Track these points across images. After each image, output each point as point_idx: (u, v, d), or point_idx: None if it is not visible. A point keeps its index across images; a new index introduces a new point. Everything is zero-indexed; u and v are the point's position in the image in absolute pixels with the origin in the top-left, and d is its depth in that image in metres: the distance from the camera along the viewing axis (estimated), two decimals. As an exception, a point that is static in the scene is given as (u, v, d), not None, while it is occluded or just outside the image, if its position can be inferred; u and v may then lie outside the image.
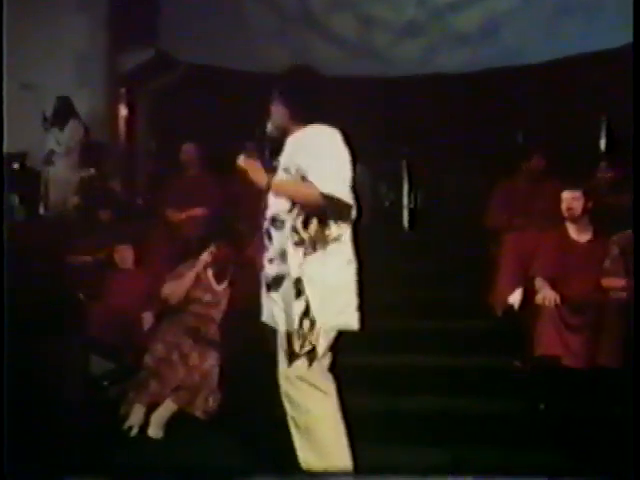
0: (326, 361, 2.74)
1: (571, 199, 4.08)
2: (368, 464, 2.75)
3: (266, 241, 2.77)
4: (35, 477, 2.80)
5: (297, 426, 2.69)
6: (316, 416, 2.66)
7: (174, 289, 4.04)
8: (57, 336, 3.84)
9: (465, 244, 5.07)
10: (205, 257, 4.06)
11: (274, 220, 2.73)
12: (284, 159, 2.77)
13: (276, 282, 2.71)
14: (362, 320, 2.72)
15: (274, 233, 2.73)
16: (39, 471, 2.85)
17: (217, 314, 4.05)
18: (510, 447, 3.35)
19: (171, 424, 3.63)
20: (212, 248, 4.08)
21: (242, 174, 2.80)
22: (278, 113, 2.81)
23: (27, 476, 2.81)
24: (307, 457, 2.68)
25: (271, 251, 2.74)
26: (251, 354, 3.65)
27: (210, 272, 4.12)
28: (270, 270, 2.74)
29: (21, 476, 2.78)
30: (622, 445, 3.05)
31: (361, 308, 2.72)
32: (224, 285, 4.10)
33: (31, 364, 3.61)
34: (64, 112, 6.04)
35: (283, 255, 2.68)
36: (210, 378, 3.78)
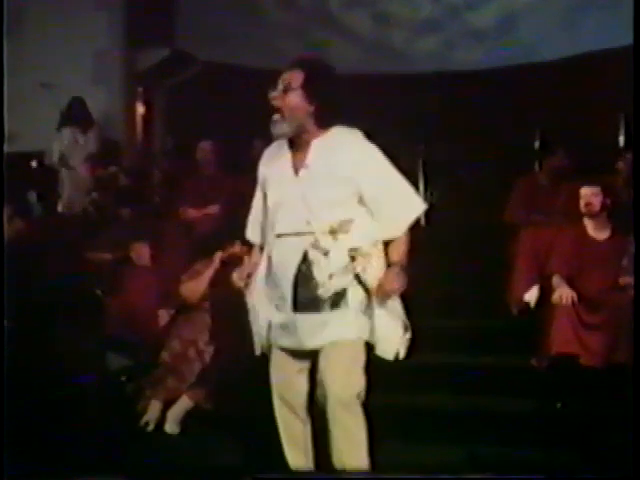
0: None
1: (590, 195, 4.05)
2: (383, 462, 2.75)
3: (319, 258, 2.48)
4: (46, 474, 2.81)
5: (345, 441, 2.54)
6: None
7: (193, 289, 4.06)
8: (75, 332, 3.88)
9: (481, 241, 5.05)
10: (220, 255, 4.07)
11: (332, 232, 2.47)
12: (319, 164, 2.51)
13: (338, 297, 2.49)
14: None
15: (332, 246, 2.47)
16: (51, 469, 2.87)
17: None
18: (526, 446, 3.33)
19: (187, 420, 3.65)
20: (229, 245, 4.10)
21: None
22: (297, 108, 2.50)
23: (38, 473, 2.82)
24: (346, 460, 2.58)
25: (329, 266, 2.47)
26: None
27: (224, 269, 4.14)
28: (328, 287, 2.48)
29: (34, 474, 2.80)
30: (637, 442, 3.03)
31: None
32: (240, 282, 4.11)
33: (48, 360, 3.64)
34: (83, 115, 6.07)
35: (344, 268, 2.47)
36: (227, 375, 3.79)
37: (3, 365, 2.75)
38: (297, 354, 2.62)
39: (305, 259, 2.49)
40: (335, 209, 2.49)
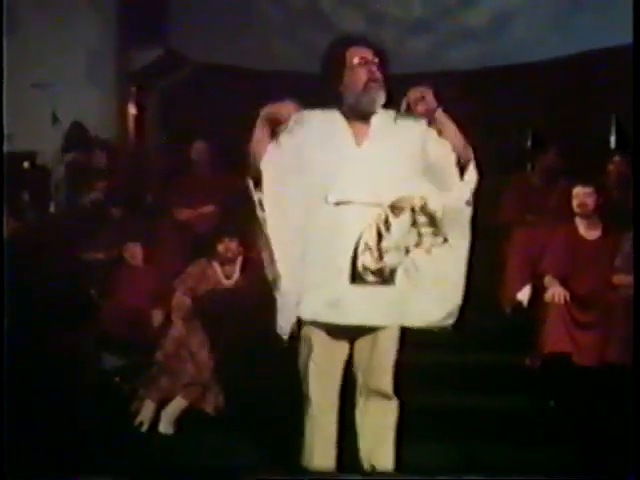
0: None
1: (583, 195, 4.08)
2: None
3: (383, 231, 2.41)
4: (42, 474, 2.81)
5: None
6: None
7: (180, 304, 4.06)
8: (68, 332, 3.87)
9: (474, 240, 5.06)
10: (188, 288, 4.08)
11: (394, 208, 2.42)
12: (382, 138, 2.52)
13: (391, 274, 2.43)
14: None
15: (393, 221, 2.42)
16: (47, 469, 2.87)
17: (227, 311, 4.07)
18: (519, 444, 3.34)
19: (182, 420, 3.66)
20: (219, 246, 4.11)
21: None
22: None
23: (35, 473, 2.82)
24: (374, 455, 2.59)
25: (389, 241, 2.41)
26: (262, 351, 3.66)
27: (219, 269, 4.14)
28: (387, 263, 2.41)
29: (32, 474, 2.80)
30: (630, 441, 3.05)
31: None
32: (233, 281, 4.12)
33: (42, 360, 3.63)
34: (80, 138, 6.04)
35: (398, 245, 2.41)
36: (220, 375, 3.79)
37: (3, 366, 2.75)
38: (338, 335, 2.50)
39: (370, 230, 2.43)
40: (398, 184, 2.47)
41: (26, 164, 6.20)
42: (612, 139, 5.96)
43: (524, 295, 4.27)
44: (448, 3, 7.03)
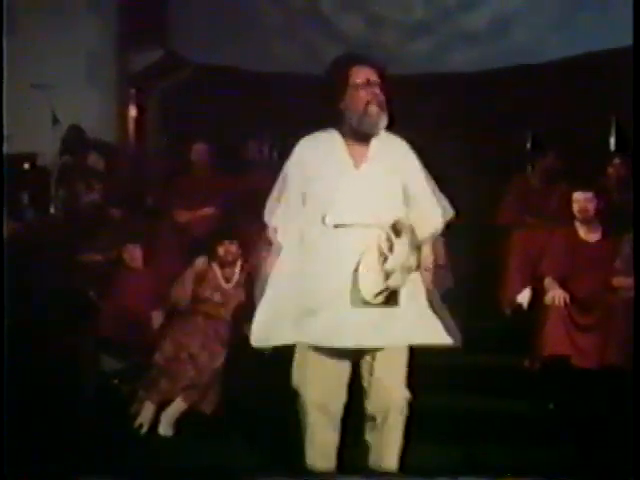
0: None
1: (584, 200, 4.08)
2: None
3: (385, 253, 2.40)
4: (42, 476, 2.81)
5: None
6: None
7: (179, 293, 4.06)
8: (68, 335, 3.87)
9: (474, 242, 5.06)
10: (202, 261, 4.08)
11: (395, 229, 2.42)
12: (380, 159, 2.54)
13: (394, 295, 2.42)
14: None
15: (396, 242, 2.40)
16: (46, 470, 2.87)
17: (227, 313, 4.07)
18: (519, 446, 3.34)
19: (181, 422, 3.65)
20: (219, 248, 4.11)
21: None
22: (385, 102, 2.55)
23: (35, 475, 2.82)
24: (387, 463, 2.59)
25: (391, 262, 2.39)
26: (261, 353, 3.66)
27: (219, 271, 4.14)
28: (390, 284, 2.40)
29: (31, 476, 2.80)
30: (630, 443, 3.05)
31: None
32: (233, 284, 4.12)
33: (41, 362, 3.63)
34: (77, 141, 6.03)
35: (405, 266, 2.40)
36: (220, 377, 3.79)
37: (3, 366, 2.75)
38: (340, 356, 2.50)
39: (370, 253, 2.42)
40: (398, 205, 2.50)
41: (26, 165, 6.20)
42: (612, 141, 5.97)
43: (524, 298, 4.27)
44: (448, 5, 7.03)
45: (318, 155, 2.55)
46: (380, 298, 2.40)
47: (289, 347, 2.59)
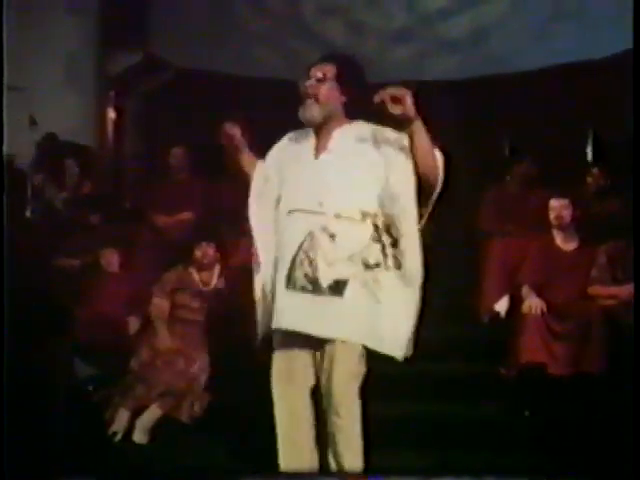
0: None
1: (559, 207, 4.11)
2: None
3: (324, 241, 2.46)
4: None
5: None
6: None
7: (159, 308, 4.03)
8: (43, 340, 3.83)
9: (452, 249, 5.08)
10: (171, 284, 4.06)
11: (340, 217, 2.48)
12: (340, 150, 2.57)
13: (340, 285, 2.44)
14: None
15: (340, 230, 2.46)
16: (21, 475, 2.83)
17: (205, 318, 4.04)
18: (495, 453, 3.35)
19: (156, 429, 3.62)
20: (196, 252, 4.09)
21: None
22: (331, 97, 2.59)
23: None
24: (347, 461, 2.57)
25: (333, 252, 2.45)
26: (238, 357, 3.64)
27: (196, 276, 4.12)
28: (328, 273, 2.44)
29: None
30: (605, 451, 3.08)
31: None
32: (211, 287, 4.10)
33: (16, 368, 3.58)
34: (55, 147, 5.97)
35: (352, 257, 2.44)
36: (196, 383, 3.77)
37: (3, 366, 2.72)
38: (301, 340, 2.52)
39: (310, 239, 2.48)
40: (349, 196, 2.51)
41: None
42: (589, 152, 6.02)
43: (502, 306, 4.29)
44: (429, 13, 7.06)
45: (290, 149, 2.70)
46: (309, 285, 2.44)
47: (268, 351, 2.61)
